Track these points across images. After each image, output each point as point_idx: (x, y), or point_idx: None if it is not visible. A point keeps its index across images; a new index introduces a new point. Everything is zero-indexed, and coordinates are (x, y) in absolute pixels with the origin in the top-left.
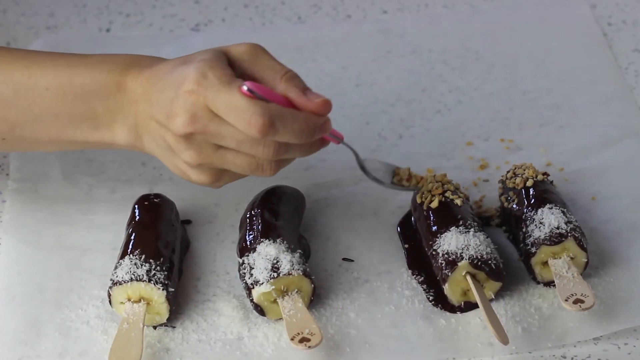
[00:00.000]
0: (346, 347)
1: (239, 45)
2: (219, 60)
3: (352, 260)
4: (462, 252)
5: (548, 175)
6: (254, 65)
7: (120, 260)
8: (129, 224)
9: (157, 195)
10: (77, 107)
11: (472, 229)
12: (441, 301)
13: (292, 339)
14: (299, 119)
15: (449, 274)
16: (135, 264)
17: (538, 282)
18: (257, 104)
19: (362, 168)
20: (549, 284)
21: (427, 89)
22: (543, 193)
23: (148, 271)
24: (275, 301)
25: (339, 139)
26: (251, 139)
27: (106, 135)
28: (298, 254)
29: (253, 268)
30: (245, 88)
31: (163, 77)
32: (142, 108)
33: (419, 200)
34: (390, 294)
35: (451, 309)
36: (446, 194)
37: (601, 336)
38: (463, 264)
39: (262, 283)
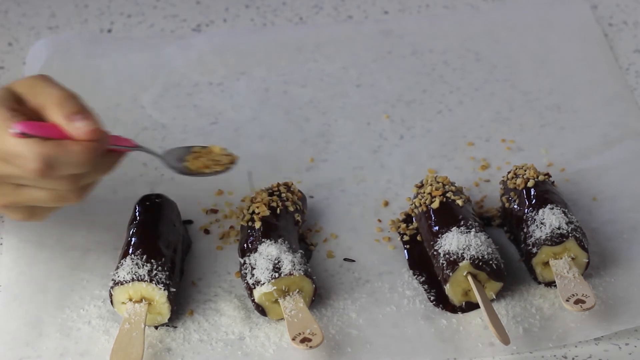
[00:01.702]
0: (347, 347)
1: (23, 79)
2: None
3: (354, 261)
4: (463, 253)
5: (549, 175)
6: (36, 97)
7: (122, 260)
8: (130, 224)
9: (158, 196)
10: None
11: (473, 230)
12: (442, 301)
13: (293, 339)
14: (74, 151)
15: (450, 274)
16: (137, 264)
17: (539, 283)
18: (29, 148)
19: (171, 167)
20: (550, 284)
21: (427, 89)
22: (544, 193)
23: (149, 271)
24: (276, 301)
25: (132, 147)
26: None
27: None
28: (299, 254)
29: (254, 268)
30: (15, 131)
31: None
32: None
33: (418, 203)
34: (391, 294)
35: (452, 309)
36: (447, 195)
37: (602, 336)
38: (464, 264)
39: (264, 283)
